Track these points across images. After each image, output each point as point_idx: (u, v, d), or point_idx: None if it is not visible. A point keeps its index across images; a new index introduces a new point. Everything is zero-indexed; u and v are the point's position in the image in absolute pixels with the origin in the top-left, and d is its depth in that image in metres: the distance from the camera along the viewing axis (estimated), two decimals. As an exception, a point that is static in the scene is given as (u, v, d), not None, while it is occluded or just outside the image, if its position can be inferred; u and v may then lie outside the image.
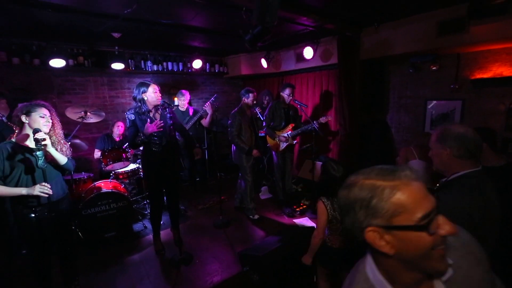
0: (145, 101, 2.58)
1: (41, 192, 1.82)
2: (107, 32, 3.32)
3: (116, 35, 3.47)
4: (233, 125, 3.47)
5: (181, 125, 3.08)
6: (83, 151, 3.56)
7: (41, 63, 3.71)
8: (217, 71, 5.53)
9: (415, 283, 0.64)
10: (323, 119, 3.61)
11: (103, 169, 3.49)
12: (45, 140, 1.82)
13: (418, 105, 3.93)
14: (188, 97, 4.25)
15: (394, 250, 0.61)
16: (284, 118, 3.80)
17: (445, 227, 0.58)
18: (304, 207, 3.97)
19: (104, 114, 3.62)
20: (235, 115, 3.50)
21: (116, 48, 4.11)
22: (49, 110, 1.99)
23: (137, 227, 3.51)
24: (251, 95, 3.49)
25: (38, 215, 1.96)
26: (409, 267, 0.62)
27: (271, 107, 3.80)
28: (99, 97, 4.52)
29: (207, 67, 5.37)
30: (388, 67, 4.15)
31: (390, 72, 4.17)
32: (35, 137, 1.79)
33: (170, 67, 4.91)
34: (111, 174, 3.56)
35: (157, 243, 2.98)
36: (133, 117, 2.57)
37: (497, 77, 3.15)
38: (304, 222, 3.57)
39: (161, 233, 3.07)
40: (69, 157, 2.11)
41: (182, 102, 4.22)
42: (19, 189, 1.84)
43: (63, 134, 2.14)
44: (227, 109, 5.60)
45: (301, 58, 4.33)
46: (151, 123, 2.51)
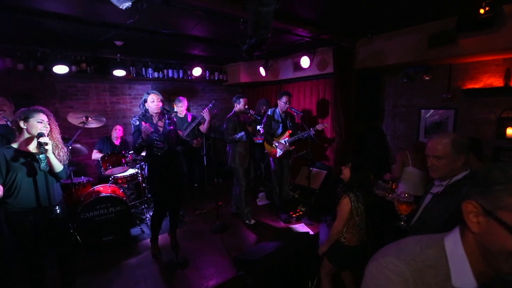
0: (147, 109, 2.73)
1: None
2: (110, 40, 3.42)
3: (118, 43, 3.57)
4: (228, 127, 3.59)
5: (176, 132, 3.16)
6: (83, 155, 3.63)
7: (44, 69, 3.81)
8: (216, 78, 5.64)
9: (483, 274, 0.66)
10: (320, 126, 3.70)
11: (103, 173, 3.54)
12: (47, 144, 1.88)
13: (412, 113, 4.02)
14: (186, 104, 4.33)
15: (479, 231, 0.63)
16: (281, 125, 3.90)
17: None
18: (300, 213, 4.01)
19: (105, 119, 3.69)
20: (230, 118, 3.63)
21: (118, 55, 4.22)
22: (47, 115, 2.02)
23: (135, 231, 3.54)
24: (242, 100, 3.63)
25: (33, 219, 1.98)
26: (484, 255, 0.64)
27: (269, 115, 3.90)
28: (101, 102, 4.60)
29: (207, 75, 5.49)
30: (383, 76, 4.26)
31: (385, 81, 4.28)
32: (39, 140, 1.86)
33: (170, 74, 5.02)
34: (110, 178, 3.61)
35: (154, 247, 3.02)
36: (138, 123, 2.70)
37: (487, 88, 3.24)
38: (300, 228, 3.61)
39: (159, 237, 3.10)
40: (66, 164, 2.12)
41: (180, 108, 4.30)
42: None
43: (62, 139, 2.17)
44: (226, 116, 5.68)
45: (298, 67, 4.43)
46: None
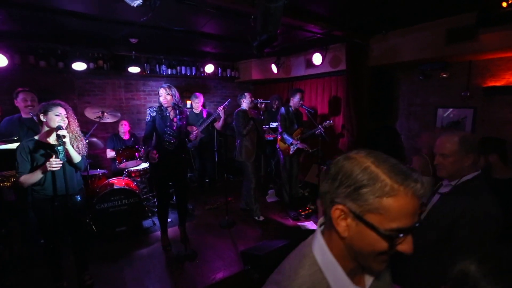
0: (161, 102, 2.87)
1: (54, 166, 1.92)
2: (125, 37, 3.54)
3: (133, 40, 3.68)
4: (239, 120, 3.60)
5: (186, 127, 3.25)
6: (99, 149, 3.77)
7: (64, 66, 3.97)
8: (228, 75, 5.68)
9: (354, 271, 0.66)
10: (327, 124, 3.67)
11: (117, 166, 3.67)
12: (65, 137, 1.98)
13: (428, 112, 3.88)
14: (202, 100, 4.41)
15: (348, 235, 0.60)
16: (295, 121, 3.90)
17: (406, 246, 0.57)
18: (309, 211, 3.98)
19: (119, 114, 3.83)
20: (238, 112, 3.65)
21: (133, 52, 4.33)
22: (66, 108, 2.12)
23: (147, 223, 3.66)
24: (246, 94, 3.68)
25: (54, 206, 2.11)
26: (353, 256, 0.63)
27: (283, 113, 3.86)
28: (116, 98, 4.76)
29: (219, 72, 5.53)
30: (397, 74, 4.13)
31: (399, 79, 4.15)
32: (57, 133, 1.96)
33: (183, 71, 5.11)
34: (124, 172, 3.74)
35: (164, 239, 3.10)
36: (154, 114, 2.84)
37: (510, 85, 3.08)
38: (309, 225, 3.60)
39: (169, 230, 3.19)
40: (84, 156, 2.23)
41: (196, 104, 4.37)
42: (37, 172, 1.98)
43: (80, 131, 2.28)
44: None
45: (310, 64, 4.39)
46: (163, 120, 2.82)
